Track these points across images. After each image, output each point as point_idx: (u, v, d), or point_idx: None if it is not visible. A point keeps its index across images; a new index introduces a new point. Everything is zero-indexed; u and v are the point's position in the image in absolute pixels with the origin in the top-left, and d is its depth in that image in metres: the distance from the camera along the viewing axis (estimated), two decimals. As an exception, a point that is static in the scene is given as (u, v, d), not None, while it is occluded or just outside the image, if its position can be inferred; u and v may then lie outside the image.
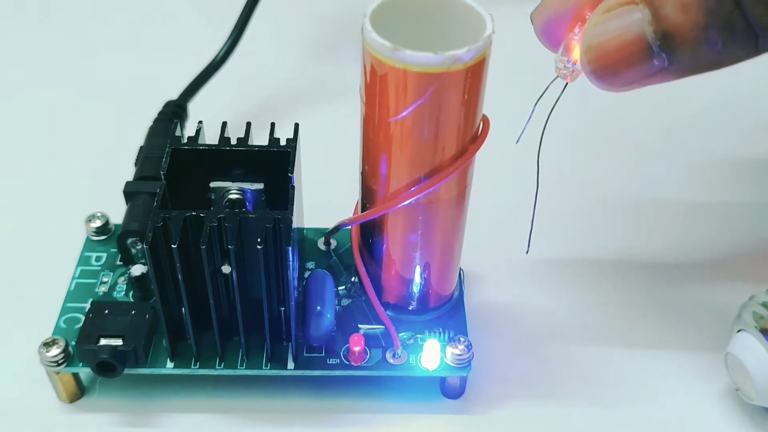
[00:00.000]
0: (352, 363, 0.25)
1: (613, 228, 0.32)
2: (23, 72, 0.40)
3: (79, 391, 0.26)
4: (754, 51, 0.21)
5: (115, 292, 0.27)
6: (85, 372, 0.25)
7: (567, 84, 0.23)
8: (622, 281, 0.30)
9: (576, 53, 0.22)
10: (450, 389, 0.26)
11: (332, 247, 0.29)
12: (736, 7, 0.20)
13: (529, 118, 0.23)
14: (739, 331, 0.25)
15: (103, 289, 0.27)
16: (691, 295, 0.30)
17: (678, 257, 0.31)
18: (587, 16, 0.22)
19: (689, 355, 0.28)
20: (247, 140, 0.25)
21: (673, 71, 0.21)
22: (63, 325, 0.26)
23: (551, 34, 0.23)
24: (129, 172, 0.29)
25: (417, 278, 0.26)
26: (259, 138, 0.25)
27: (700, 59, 0.21)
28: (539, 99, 0.23)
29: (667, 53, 0.20)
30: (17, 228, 0.31)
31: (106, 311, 0.25)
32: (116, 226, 0.29)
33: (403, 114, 0.21)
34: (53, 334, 0.25)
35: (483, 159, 0.24)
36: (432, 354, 0.25)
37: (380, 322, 0.26)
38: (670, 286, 0.30)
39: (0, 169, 0.34)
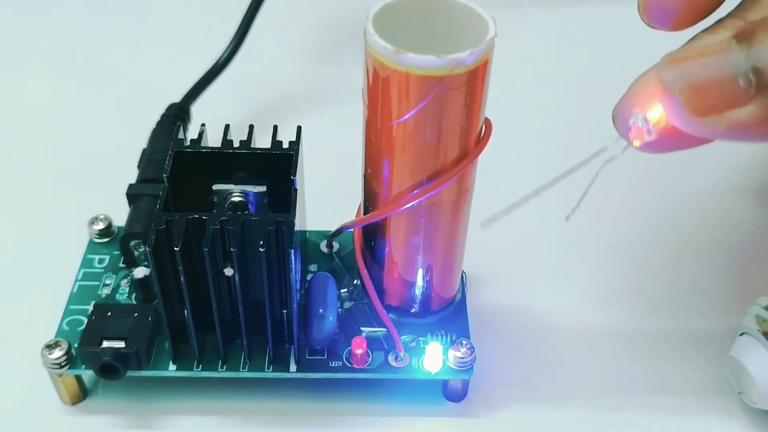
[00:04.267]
0: (354, 366, 0.25)
1: (616, 231, 0.32)
2: (26, 73, 0.40)
3: (82, 394, 0.26)
4: None
5: (117, 295, 0.27)
6: (87, 374, 0.25)
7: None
8: (624, 285, 0.30)
9: (654, 112, 0.20)
10: (452, 392, 0.26)
11: (334, 249, 0.29)
12: None
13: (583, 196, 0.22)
14: (742, 334, 0.25)
15: (106, 291, 0.27)
16: (693, 299, 0.30)
17: (680, 260, 0.31)
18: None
19: (691, 359, 0.28)
20: (250, 143, 0.25)
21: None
22: (66, 328, 0.26)
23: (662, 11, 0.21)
24: (132, 175, 0.29)
25: (419, 281, 0.26)
26: (262, 141, 0.25)
27: None
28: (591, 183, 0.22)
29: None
30: (20, 230, 0.31)
31: (109, 313, 0.25)
32: (119, 228, 0.29)
33: (406, 117, 0.21)
34: (56, 336, 0.25)
35: (485, 162, 0.24)
36: (434, 357, 0.25)
37: (382, 325, 0.26)
38: (672, 289, 0.30)
39: (3, 171, 0.34)
